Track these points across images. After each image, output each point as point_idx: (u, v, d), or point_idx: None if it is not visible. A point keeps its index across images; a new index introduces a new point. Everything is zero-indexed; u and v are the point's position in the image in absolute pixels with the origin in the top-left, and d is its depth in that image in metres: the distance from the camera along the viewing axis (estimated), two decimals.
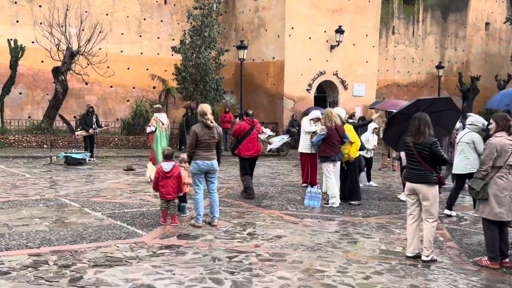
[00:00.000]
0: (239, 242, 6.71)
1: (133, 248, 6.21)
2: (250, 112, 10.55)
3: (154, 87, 24.69)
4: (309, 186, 10.15)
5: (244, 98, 23.26)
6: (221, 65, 21.16)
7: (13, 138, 19.84)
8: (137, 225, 7.43)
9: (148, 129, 12.96)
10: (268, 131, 20.72)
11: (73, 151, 16.21)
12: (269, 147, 20.23)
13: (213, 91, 20.83)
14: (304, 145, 11.63)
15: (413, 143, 6.01)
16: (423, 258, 6.11)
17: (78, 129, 16.81)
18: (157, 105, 13.43)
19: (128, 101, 24.40)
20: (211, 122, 7.37)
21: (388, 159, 16.19)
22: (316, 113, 11.79)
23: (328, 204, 9.46)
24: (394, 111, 10.21)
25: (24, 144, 19.91)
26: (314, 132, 11.28)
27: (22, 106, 22.37)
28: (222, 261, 5.81)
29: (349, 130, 9.61)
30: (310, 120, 11.68)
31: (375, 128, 12.11)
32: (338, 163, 9.65)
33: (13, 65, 20.23)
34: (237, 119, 11.17)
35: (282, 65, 24.10)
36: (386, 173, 15.46)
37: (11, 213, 7.97)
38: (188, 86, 20.74)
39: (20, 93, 22.26)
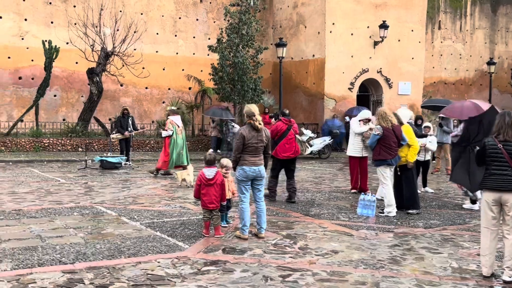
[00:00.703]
0: (291, 257, 6.16)
1: (175, 264, 5.74)
2: (287, 111, 10.37)
3: (190, 88, 24.57)
4: (362, 193, 9.51)
5: (283, 98, 22.84)
6: (259, 64, 20.79)
7: (48, 141, 19.92)
8: (178, 236, 6.99)
9: (165, 133, 13.11)
10: (308, 133, 20.28)
11: (108, 154, 16.12)
12: (309, 149, 19.77)
13: (251, 91, 20.55)
14: (353, 148, 11.03)
15: (504, 142, 5.29)
16: (506, 278, 5.42)
17: (114, 132, 16.64)
18: (171, 107, 13.35)
19: (163, 102, 24.30)
20: (260, 124, 6.89)
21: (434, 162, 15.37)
22: (366, 113, 11.19)
23: (383, 213, 8.83)
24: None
25: (58, 148, 19.97)
26: (363, 135, 10.67)
27: (57, 108, 22.48)
28: (274, 280, 5.28)
29: (407, 131, 8.94)
30: (359, 121, 11.08)
31: (427, 127, 11.39)
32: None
33: (48, 67, 20.29)
34: (273, 119, 10.89)
35: (322, 63, 23.62)
36: (440, 177, 14.68)
37: (44, 222, 7.65)
38: (225, 86, 20.50)
39: (55, 96, 22.38)
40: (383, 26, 23.80)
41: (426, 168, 11.46)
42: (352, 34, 23.89)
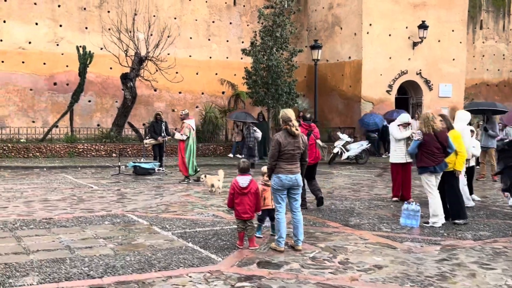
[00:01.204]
0: (331, 273, 5.79)
1: (208, 279, 5.45)
2: (308, 116, 10.29)
3: (223, 92, 24.54)
4: (405, 201, 9.05)
5: (318, 101, 22.45)
6: (293, 67, 20.47)
7: (82, 147, 20.06)
8: (211, 248, 6.71)
9: (179, 136, 13.01)
10: (345, 137, 19.84)
11: (142, 160, 16.03)
12: (346, 154, 19.40)
13: (285, 95, 20.29)
14: (396, 154, 10.58)
15: None
16: None
17: (147, 137, 16.59)
18: (185, 110, 13.34)
19: (197, 107, 24.32)
20: (296, 130, 6.63)
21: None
22: (404, 117, 10.73)
23: (428, 223, 8.35)
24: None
25: (93, 153, 20.09)
26: (408, 139, 10.23)
27: (91, 114, 22.64)
28: None
29: (455, 137, 8.42)
30: (398, 125, 10.62)
31: (471, 131, 10.84)
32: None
33: (82, 72, 20.46)
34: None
35: (359, 65, 23.23)
36: (486, 184, 14.03)
37: (74, 232, 7.49)
38: (259, 90, 20.32)
39: (89, 101, 22.55)
40: (422, 26, 23.22)
41: (471, 175, 10.88)
42: (390, 35, 23.43)
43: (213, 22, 24.52)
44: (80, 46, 20.55)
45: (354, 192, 12.27)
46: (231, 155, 21.01)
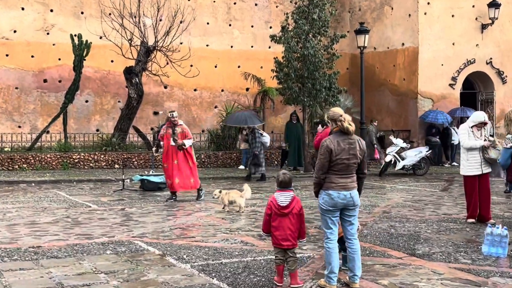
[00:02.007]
0: None
1: None
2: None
3: (247, 89, 24.47)
4: (488, 224, 8.51)
5: (365, 98, 22.27)
6: (334, 56, 20.15)
7: (78, 157, 20.07)
8: (241, 285, 6.40)
9: (189, 142, 13.13)
10: (399, 142, 19.38)
11: (150, 172, 15.99)
12: (401, 163, 19.08)
13: (325, 91, 19.97)
14: (468, 165, 10.06)
15: None
16: None
17: (156, 144, 16.33)
18: (174, 112, 13.36)
19: (216, 107, 24.30)
20: (350, 125, 6.32)
21: None
22: (479, 115, 10.20)
23: None
24: None
25: (91, 164, 20.11)
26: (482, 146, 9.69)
27: (89, 116, 22.67)
28: None
29: None
30: (471, 127, 10.07)
31: None
32: None
33: (78, 67, 20.47)
34: (319, 126, 10.24)
35: (415, 53, 23.09)
36: None
37: (68, 265, 7.22)
38: (291, 85, 20.08)
39: (87, 101, 22.59)
40: (494, 4, 23.00)
41: None
42: (453, 15, 23.15)
43: (234, 3, 24.43)
44: (75, 35, 20.56)
45: (417, 211, 11.86)
46: (242, 166, 20.69)
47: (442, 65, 23.06)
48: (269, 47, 23.41)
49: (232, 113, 21.37)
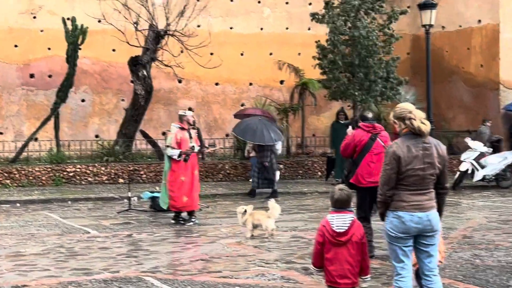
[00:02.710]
0: None
1: None
2: (369, 115, 10.62)
3: (282, 82, 24.57)
4: None
5: (432, 91, 22.01)
6: (393, 38, 20.04)
7: (74, 170, 20.08)
8: None
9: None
10: (479, 146, 19.08)
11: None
12: (481, 172, 18.73)
13: (381, 82, 19.93)
14: None
15: None
16: None
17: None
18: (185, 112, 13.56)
19: (242, 105, 24.32)
20: (423, 123, 6.14)
21: None
22: None
23: None
24: None
25: (89, 179, 20.07)
26: None
27: (86, 119, 22.83)
28: None
29: None
30: None
31: None
32: None
33: (71, 57, 20.55)
34: (349, 127, 10.37)
35: (495, 32, 23.07)
36: None
37: None
38: (339, 75, 20.16)
39: (83, 100, 22.74)
40: None
41: None
42: None
43: None
44: (68, 19, 20.59)
45: (507, 235, 11.66)
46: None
47: None
48: (309, 29, 23.38)
49: (242, 116, 20.24)
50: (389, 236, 6.19)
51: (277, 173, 18.02)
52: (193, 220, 13.20)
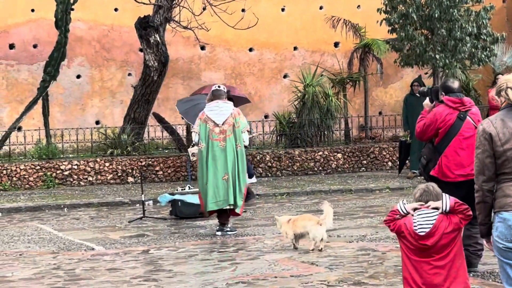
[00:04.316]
0: None
1: None
2: (455, 84, 10.18)
3: (336, 44, 24.82)
4: None
5: None
6: None
7: (69, 167, 20.19)
8: None
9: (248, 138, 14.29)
10: None
11: (186, 189, 15.95)
12: None
13: (470, 40, 19.76)
14: None
15: None
16: None
17: (194, 142, 16.27)
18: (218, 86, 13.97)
19: (285, 76, 24.50)
20: None
21: None
22: None
23: None
24: None
25: (90, 179, 20.26)
26: None
27: (83, 101, 22.97)
28: None
29: None
30: None
31: None
32: None
33: (62, 21, 20.47)
34: (426, 99, 10.02)
35: None
36: None
37: None
38: (413, 33, 19.97)
39: (78, 77, 22.87)
40: None
41: None
42: None
43: None
44: None
45: None
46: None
47: None
48: None
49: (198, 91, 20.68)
50: (497, 249, 6.07)
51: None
52: (226, 229, 13.36)
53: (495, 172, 6.12)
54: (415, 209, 6.73)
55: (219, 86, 13.76)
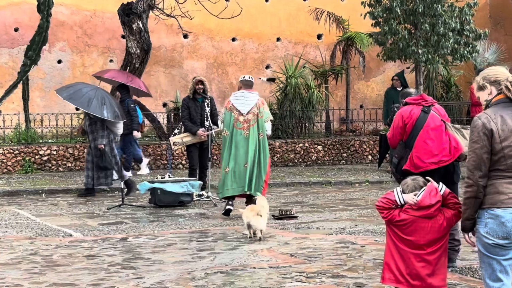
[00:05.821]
0: None
1: None
2: (411, 90, 11.11)
3: (319, 36, 24.90)
4: None
5: None
6: None
7: (48, 152, 20.17)
8: None
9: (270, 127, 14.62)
10: None
11: (166, 177, 15.94)
12: None
13: (453, 36, 19.80)
14: None
15: None
16: None
17: (176, 131, 16.67)
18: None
19: (267, 67, 24.58)
20: None
21: None
22: None
23: None
24: None
25: (69, 164, 20.25)
26: None
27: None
28: None
29: None
30: None
31: None
32: None
33: (44, 5, 20.40)
34: (402, 100, 10.71)
35: None
36: None
37: None
38: (396, 27, 20.06)
39: (59, 62, 22.91)
40: None
41: None
42: None
43: None
44: None
45: None
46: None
47: None
48: None
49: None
50: (483, 245, 6.07)
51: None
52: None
53: (491, 166, 6.11)
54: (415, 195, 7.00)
55: (249, 77, 14.67)
